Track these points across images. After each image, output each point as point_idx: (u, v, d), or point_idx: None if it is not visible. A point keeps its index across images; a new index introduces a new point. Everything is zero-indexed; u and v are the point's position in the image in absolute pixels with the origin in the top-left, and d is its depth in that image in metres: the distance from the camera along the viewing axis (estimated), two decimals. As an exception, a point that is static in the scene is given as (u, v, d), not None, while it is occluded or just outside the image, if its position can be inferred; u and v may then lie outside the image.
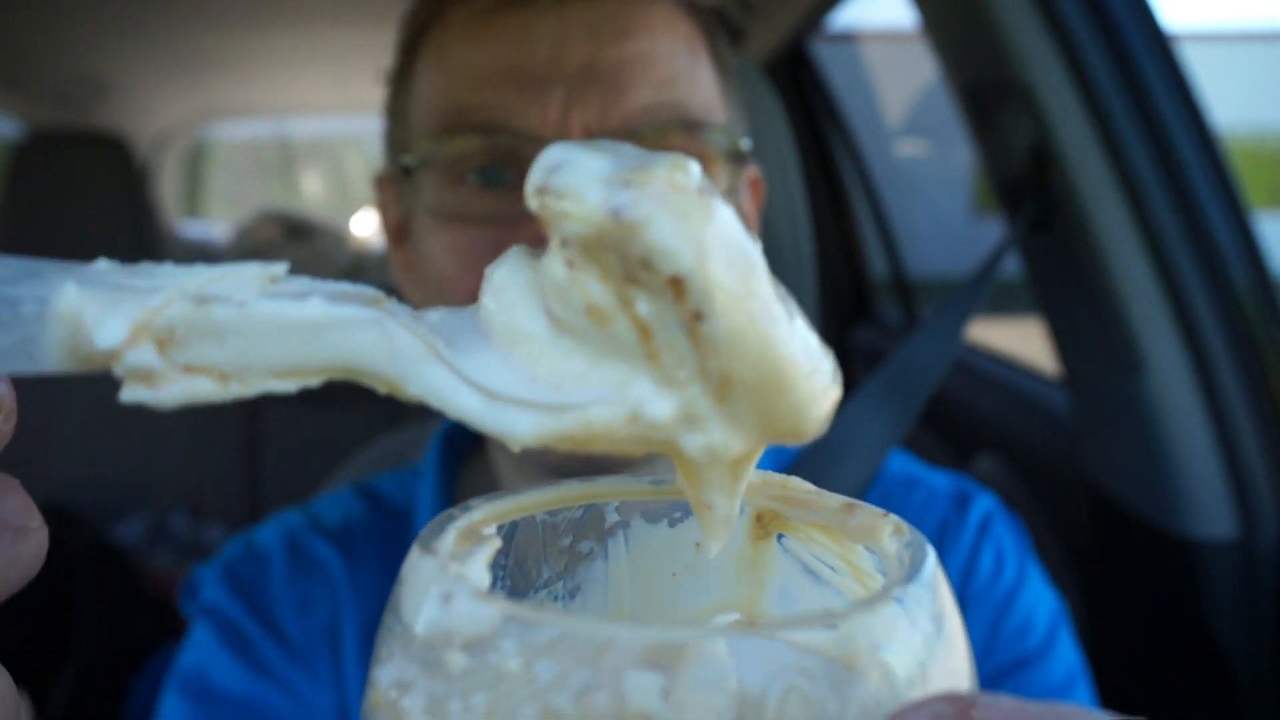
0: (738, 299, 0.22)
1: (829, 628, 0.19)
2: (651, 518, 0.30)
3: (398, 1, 0.74)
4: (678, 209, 0.21)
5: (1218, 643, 1.07)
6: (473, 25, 0.64)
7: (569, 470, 0.63)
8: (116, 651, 1.65)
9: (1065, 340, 1.23)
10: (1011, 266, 1.14)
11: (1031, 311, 1.29)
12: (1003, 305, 1.50)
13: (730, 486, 0.25)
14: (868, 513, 0.26)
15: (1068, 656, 0.71)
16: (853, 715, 0.19)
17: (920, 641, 0.20)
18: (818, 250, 1.02)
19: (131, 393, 0.22)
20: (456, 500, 0.75)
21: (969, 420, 1.71)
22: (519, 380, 0.23)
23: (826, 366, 0.23)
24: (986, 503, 0.76)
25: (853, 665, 0.19)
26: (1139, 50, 1.03)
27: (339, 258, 2.95)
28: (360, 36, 2.12)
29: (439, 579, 0.21)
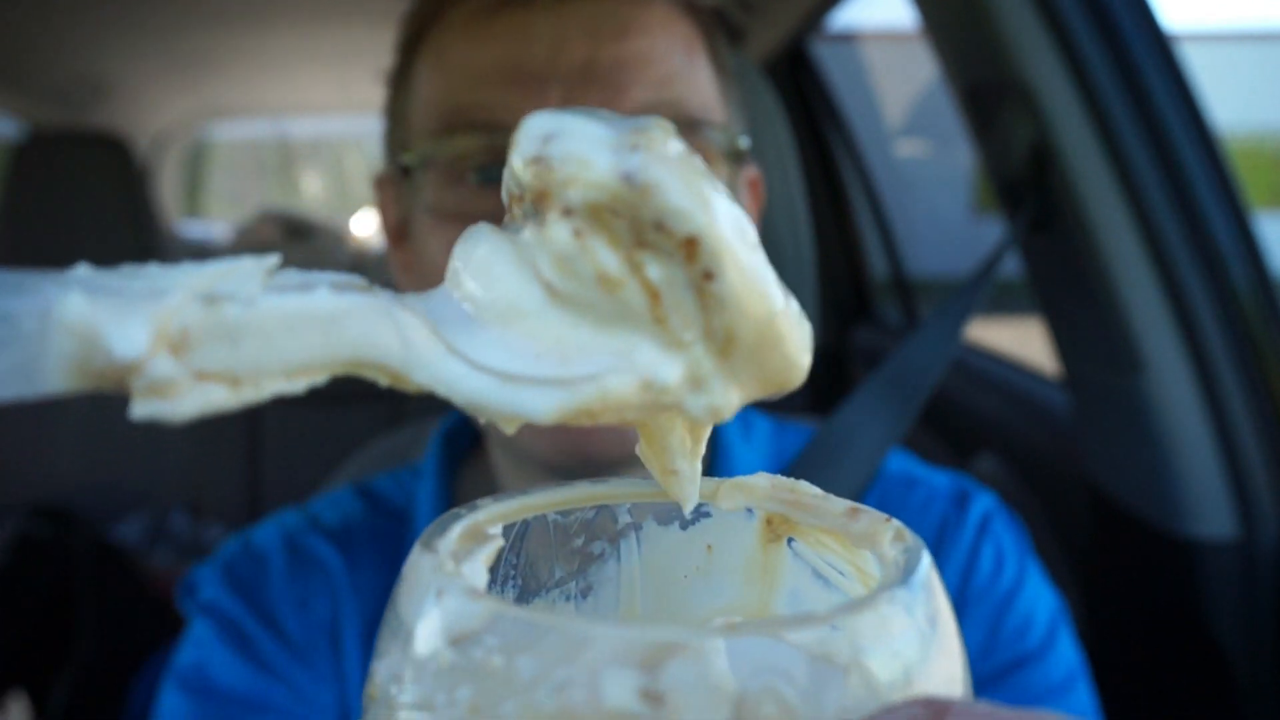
0: (742, 256, 0.22)
1: (810, 629, 0.19)
2: (664, 520, 0.30)
3: (398, 1, 0.74)
4: (685, 170, 0.21)
5: (1217, 643, 1.07)
6: (472, 25, 0.64)
7: (567, 468, 0.63)
8: (116, 651, 1.65)
9: (1065, 340, 1.23)
10: (1011, 266, 1.14)
11: (1031, 311, 1.28)
12: (1003, 305, 1.50)
13: (693, 449, 0.26)
14: (870, 518, 0.26)
15: (1067, 655, 0.71)
16: (829, 717, 0.19)
17: (906, 645, 0.20)
18: (818, 250, 1.02)
19: (144, 408, 0.20)
20: (456, 500, 0.75)
21: (969, 420, 1.70)
22: (524, 358, 0.23)
23: (805, 320, 0.24)
24: (986, 502, 0.76)
25: (834, 667, 0.19)
26: (1139, 50, 1.03)
27: (339, 258, 2.95)
28: (360, 36, 2.12)
29: (434, 576, 0.21)
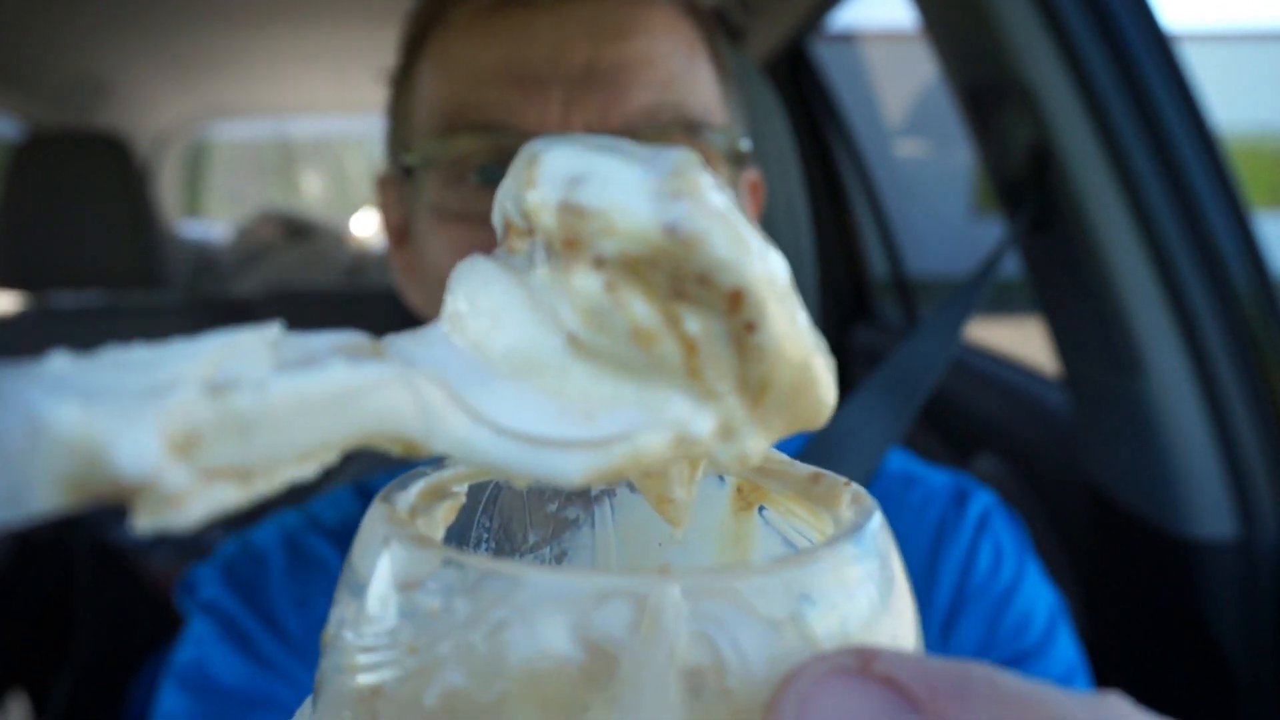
0: (784, 305, 0.21)
1: (749, 579, 0.19)
2: (637, 488, 0.30)
3: (398, 1, 0.74)
4: (730, 219, 0.20)
5: (1217, 643, 1.07)
6: (474, 25, 0.64)
7: None
8: (116, 651, 1.65)
9: (1065, 340, 1.23)
10: (1011, 266, 1.14)
11: (1031, 311, 1.29)
12: (1003, 305, 1.50)
13: (691, 477, 0.25)
14: (829, 481, 0.26)
15: (1066, 651, 0.71)
16: (759, 666, 0.19)
17: (847, 599, 0.20)
18: (818, 250, 1.02)
19: (150, 521, 0.17)
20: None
21: (969, 420, 1.70)
22: (548, 417, 0.21)
23: (829, 355, 0.23)
24: (985, 499, 0.76)
25: (771, 617, 0.19)
26: (1139, 50, 1.03)
27: (339, 258, 2.94)
28: (360, 36, 2.13)
29: (384, 525, 0.22)
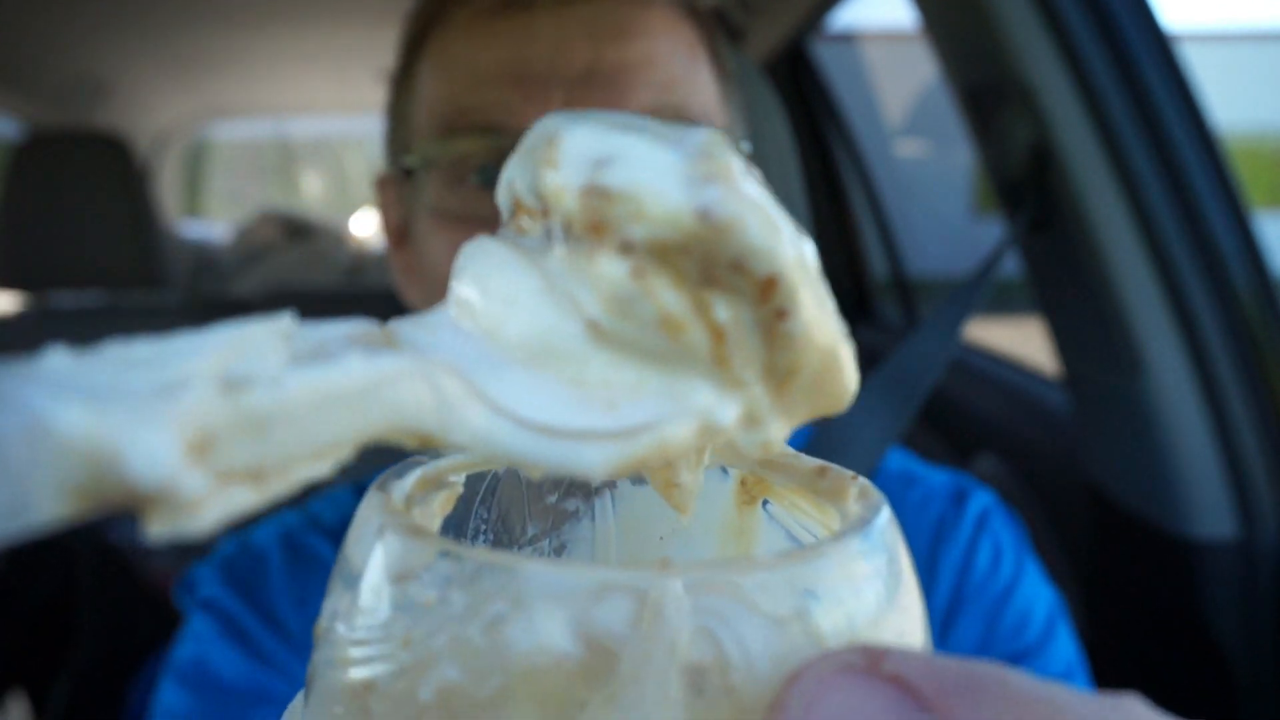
0: (815, 291, 0.21)
1: (754, 574, 0.19)
2: (639, 479, 0.29)
3: (398, 1, 0.74)
4: (762, 204, 0.20)
5: (1217, 643, 1.07)
6: (474, 26, 0.64)
7: None
8: (116, 652, 1.65)
9: (1065, 340, 1.23)
10: (1011, 266, 1.14)
11: (1031, 311, 1.29)
12: (1003, 305, 1.50)
13: (698, 462, 0.24)
14: (836, 474, 0.25)
15: (1065, 650, 0.71)
16: (764, 663, 0.18)
17: (854, 596, 0.19)
18: (818, 250, 1.02)
19: (163, 528, 0.16)
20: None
21: (969, 420, 1.70)
22: (568, 407, 0.20)
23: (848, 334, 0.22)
24: (984, 498, 0.76)
25: (776, 612, 0.18)
26: (1139, 50, 1.03)
27: (339, 258, 2.94)
28: (360, 36, 2.12)
29: (378, 514, 0.21)
